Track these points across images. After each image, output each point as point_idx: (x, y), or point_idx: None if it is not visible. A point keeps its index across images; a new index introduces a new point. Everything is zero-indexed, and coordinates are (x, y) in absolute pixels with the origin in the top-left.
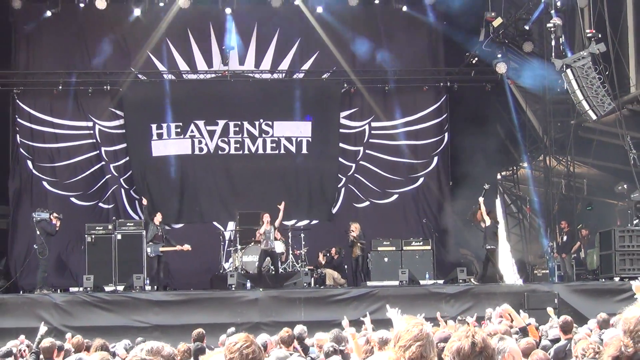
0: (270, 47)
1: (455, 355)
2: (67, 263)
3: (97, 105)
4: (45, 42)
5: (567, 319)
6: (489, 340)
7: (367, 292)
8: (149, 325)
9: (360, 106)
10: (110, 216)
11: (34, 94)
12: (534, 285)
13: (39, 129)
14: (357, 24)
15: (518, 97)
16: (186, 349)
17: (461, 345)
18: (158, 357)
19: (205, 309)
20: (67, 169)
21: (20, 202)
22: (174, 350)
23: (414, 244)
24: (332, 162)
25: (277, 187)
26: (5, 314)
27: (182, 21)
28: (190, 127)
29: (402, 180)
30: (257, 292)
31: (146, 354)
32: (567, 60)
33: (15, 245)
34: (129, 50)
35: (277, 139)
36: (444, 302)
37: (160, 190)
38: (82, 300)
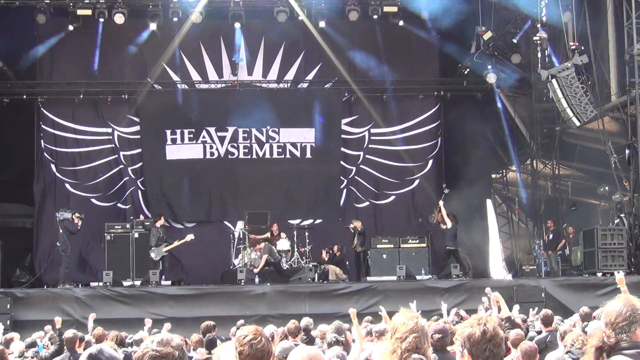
0: (277, 59)
1: (466, 340)
2: (87, 259)
3: (116, 113)
4: (68, 54)
5: (548, 313)
6: (499, 329)
7: (367, 287)
8: (164, 318)
9: (361, 114)
10: (128, 216)
11: (57, 103)
12: (522, 280)
13: (62, 134)
14: (357, 37)
15: (507, 105)
16: (199, 339)
17: (472, 331)
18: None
19: (216, 302)
20: (88, 172)
21: (44, 203)
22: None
23: (411, 242)
24: (334, 166)
25: (283, 189)
26: (31, 307)
27: (194, 35)
28: (202, 133)
29: (399, 182)
30: (264, 286)
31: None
32: (552, 70)
33: (39, 243)
34: (146, 62)
35: (283, 145)
36: (439, 296)
37: (174, 191)
38: (102, 294)
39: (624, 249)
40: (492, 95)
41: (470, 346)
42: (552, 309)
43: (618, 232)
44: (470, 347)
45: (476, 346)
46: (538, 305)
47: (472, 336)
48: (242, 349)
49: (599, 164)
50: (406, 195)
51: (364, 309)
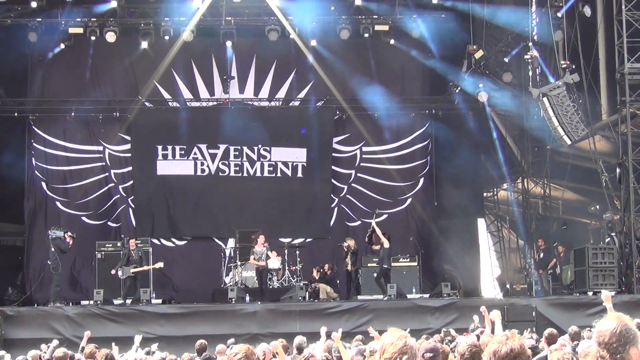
0: (268, 77)
1: (491, 356)
2: (78, 278)
3: (107, 131)
4: (59, 72)
5: (553, 332)
6: (526, 348)
7: (358, 306)
8: (155, 336)
9: (352, 132)
10: (118, 234)
11: (48, 120)
12: (513, 299)
13: (53, 152)
14: (349, 55)
15: (498, 124)
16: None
17: (498, 348)
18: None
19: (207, 320)
20: (79, 190)
21: (35, 221)
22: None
23: (402, 261)
24: (325, 185)
25: (274, 208)
26: (21, 326)
27: (186, 53)
28: (193, 150)
29: (391, 201)
30: (255, 305)
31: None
32: (543, 89)
33: (30, 262)
34: (137, 80)
35: (274, 163)
36: (430, 315)
37: (163, 207)
38: (93, 313)
39: (614, 268)
40: (483, 114)
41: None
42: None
43: (609, 251)
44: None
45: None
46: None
47: (498, 352)
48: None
49: (590, 183)
50: (398, 214)
51: (354, 327)
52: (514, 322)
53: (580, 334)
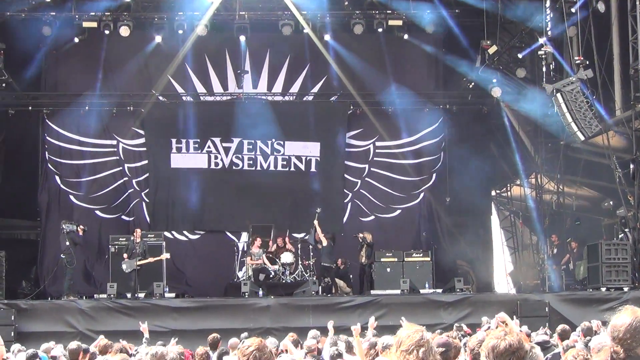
0: (282, 72)
1: (490, 351)
2: (92, 271)
3: (121, 125)
4: (73, 66)
5: (566, 328)
6: (524, 343)
7: (371, 300)
8: (167, 330)
9: (365, 127)
10: (132, 228)
11: (62, 114)
12: (526, 294)
13: (67, 146)
14: (362, 50)
15: (512, 119)
16: (204, 352)
17: (497, 343)
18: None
19: (220, 315)
20: (93, 184)
21: (48, 215)
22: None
23: (415, 256)
24: (338, 180)
25: (287, 202)
26: (35, 319)
27: (199, 47)
28: (207, 143)
29: (405, 196)
30: (268, 299)
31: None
32: (556, 85)
33: (44, 255)
34: (151, 74)
35: (287, 157)
36: (443, 310)
37: (177, 200)
38: (106, 307)
39: (628, 264)
40: (497, 109)
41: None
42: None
43: (622, 247)
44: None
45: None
46: (542, 320)
47: (496, 348)
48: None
49: (604, 179)
50: (412, 209)
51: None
52: (526, 318)
53: (592, 329)
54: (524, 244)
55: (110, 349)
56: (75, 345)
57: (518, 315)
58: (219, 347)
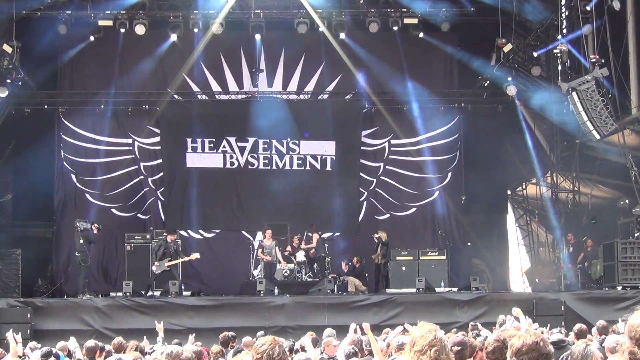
0: (297, 70)
1: (515, 352)
2: (107, 269)
3: (136, 124)
4: (89, 65)
5: (582, 327)
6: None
7: (387, 299)
8: (183, 328)
9: (381, 125)
10: (147, 226)
11: (77, 113)
12: (541, 293)
13: (82, 145)
14: (377, 48)
15: (527, 118)
16: (219, 350)
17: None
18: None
19: (235, 313)
20: (108, 182)
21: (64, 213)
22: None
23: (430, 254)
24: (353, 179)
25: (303, 201)
26: (51, 317)
27: (215, 46)
28: (222, 143)
29: (420, 194)
30: (284, 297)
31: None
32: (572, 83)
33: (59, 253)
34: (166, 73)
35: (303, 157)
36: (458, 309)
37: (192, 199)
38: (122, 305)
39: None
40: (512, 108)
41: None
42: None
43: (638, 245)
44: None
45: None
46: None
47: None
48: (258, 357)
49: (619, 177)
50: (426, 207)
51: (383, 321)
52: (542, 317)
53: (608, 328)
54: (540, 243)
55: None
56: (93, 344)
57: (534, 314)
58: (232, 345)
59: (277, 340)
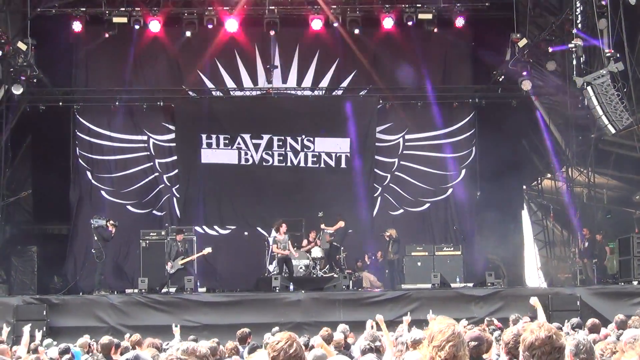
0: (311, 67)
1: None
2: (123, 266)
3: (151, 120)
4: (104, 62)
5: (595, 322)
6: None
7: (402, 295)
8: (199, 325)
9: (395, 121)
10: (163, 223)
11: (92, 110)
12: (557, 288)
13: (98, 142)
14: (392, 44)
15: (542, 113)
16: (233, 346)
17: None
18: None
19: (251, 309)
20: (124, 179)
21: (80, 210)
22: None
23: (445, 250)
24: (367, 176)
25: (317, 198)
26: (67, 314)
27: (229, 42)
28: (237, 140)
29: (434, 190)
30: (299, 294)
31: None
32: (587, 78)
33: (75, 250)
34: (181, 69)
35: (317, 154)
36: (474, 304)
37: (207, 195)
38: (137, 301)
39: None
40: (527, 103)
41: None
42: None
43: None
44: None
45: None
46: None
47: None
48: (275, 355)
49: (635, 172)
50: (441, 202)
51: (398, 316)
52: (558, 312)
53: (626, 322)
54: (555, 238)
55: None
56: (107, 340)
57: (549, 309)
58: (248, 342)
59: (293, 336)
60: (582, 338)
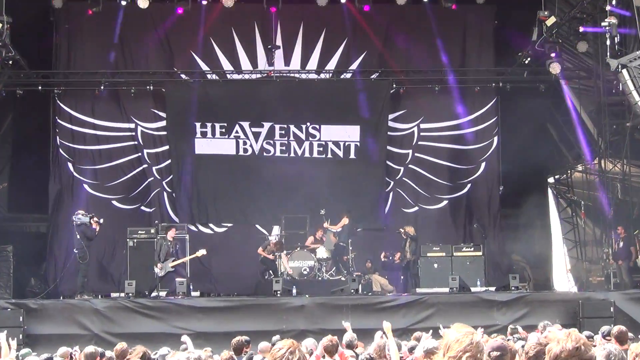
0: (317, 47)
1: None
2: (108, 268)
3: (140, 106)
4: (87, 42)
5: (622, 329)
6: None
7: (416, 300)
8: (191, 332)
9: (409, 107)
10: (152, 220)
11: (74, 95)
12: (588, 293)
13: (80, 130)
14: (406, 22)
15: (572, 98)
16: (229, 357)
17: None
18: None
19: (249, 315)
20: (109, 171)
21: (60, 205)
22: None
23: (465, 250)
24: (379, 168)
25: (324, 192)
26: (46, 320)
27: (226, 20)
28: (235, 128)
29: (452, 185)
30: (303, 298)
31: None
32: (622, 60)
33: (55, 250)
34: (172, 50)
35: (324, 143)
36: (496, 310)
37: (202, 189)
38: (124, 306)
39: None
40: (555, 87)
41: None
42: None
43: None
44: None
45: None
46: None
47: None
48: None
49: None
50: (460, 199)
51: (412, 324)
52: (589, 319)
53: None
54: (586, 237)
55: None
56: (92, 349)
57: (580, 316)
58: (245, 351)
59: (295, 344)
60: (614, 348)
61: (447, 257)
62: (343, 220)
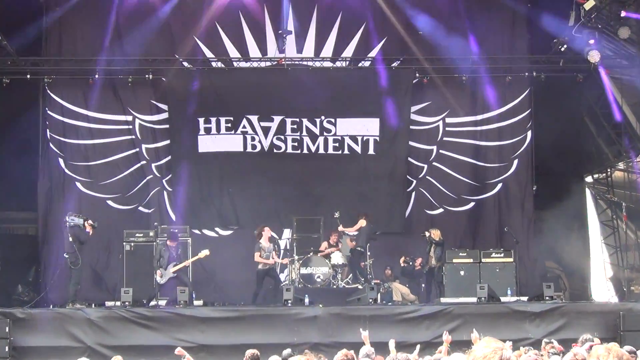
0: (332, 33)
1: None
2: (102, 274)
3: (138, 97)
4: (80, 27)
5: None
6: None
7: (441, 310)
8: (194, 345)
9: (434, 99)
10: (151, 222)
11: (66, 84)
12: (630, 303)
13: (72, 122)
14: (430, 6)
15: (613, 90)
16: None
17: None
18: None
19: (257, 326)
20: (103, 168)
21: (50, 206)
22: None
23: (494, 256)
24: (400, 165)
25: (340, 192)
26: (34, 331)
27: (233, 3)
28: (242, 122)
29: (481, 185)
30: (316, 308)
31: None
32: None
33: (45, 254)
34: (173, 36)
35: (340, 138)
36: (528, 322)
37: (206, 190)
38: (120, 316)
39: None
40: (594, 77)
41: None
42: None
43: None
44: None
45: None
46: None
47: None
48: None
49: None
50: (489, 200)
51: (436, 337)
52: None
53: None
54: (628, 242)
55: None
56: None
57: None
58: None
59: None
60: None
61: (475, 264)
62: (360, 222)
